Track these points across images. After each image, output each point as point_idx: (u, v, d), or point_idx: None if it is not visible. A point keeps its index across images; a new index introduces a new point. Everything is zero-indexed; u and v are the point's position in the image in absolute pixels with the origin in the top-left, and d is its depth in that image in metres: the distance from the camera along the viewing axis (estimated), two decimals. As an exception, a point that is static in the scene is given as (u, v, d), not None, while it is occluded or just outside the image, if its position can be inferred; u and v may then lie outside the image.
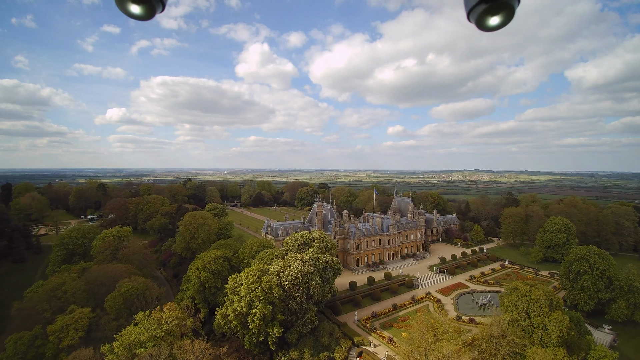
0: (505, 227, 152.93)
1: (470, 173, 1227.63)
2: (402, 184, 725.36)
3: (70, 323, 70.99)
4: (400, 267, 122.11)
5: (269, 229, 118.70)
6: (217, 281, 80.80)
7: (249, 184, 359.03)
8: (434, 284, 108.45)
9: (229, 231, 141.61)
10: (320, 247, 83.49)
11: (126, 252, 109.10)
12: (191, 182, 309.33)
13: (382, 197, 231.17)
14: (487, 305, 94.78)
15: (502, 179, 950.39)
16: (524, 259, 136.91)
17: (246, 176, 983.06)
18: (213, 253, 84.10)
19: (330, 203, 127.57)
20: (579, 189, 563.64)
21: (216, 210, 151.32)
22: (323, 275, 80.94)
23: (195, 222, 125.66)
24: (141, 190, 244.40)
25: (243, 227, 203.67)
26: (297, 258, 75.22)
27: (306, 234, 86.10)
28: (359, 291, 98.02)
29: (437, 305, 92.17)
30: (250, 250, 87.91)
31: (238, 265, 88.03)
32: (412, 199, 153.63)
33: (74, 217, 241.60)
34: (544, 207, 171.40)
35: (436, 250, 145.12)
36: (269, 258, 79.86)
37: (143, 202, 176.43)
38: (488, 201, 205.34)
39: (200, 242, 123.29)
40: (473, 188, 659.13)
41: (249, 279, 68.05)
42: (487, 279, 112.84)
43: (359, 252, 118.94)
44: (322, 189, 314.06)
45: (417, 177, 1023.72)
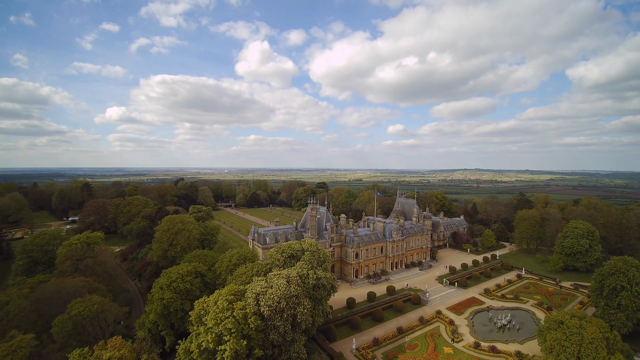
0: (519, 231, 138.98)
1: (471, 172, 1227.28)
2: (402, 184, 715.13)
3: (6, 353, 57.41)
4: (405, 279, 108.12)
5: (256, 236, 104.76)
6: (185, 303, 66.86)
7: (244, 183, 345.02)
8: (444, 299, 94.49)
9: (214, 237, 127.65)
10: (310, 260, 69.48)
11: (90, 263, 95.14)
12: (183, 182, 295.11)
13: (384, 198, 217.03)
14: (507, 327, 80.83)
15: (503, 178, 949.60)
16: (541, 268, 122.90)
17: (246, 175, 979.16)
18: (182, 268, 70.16)
19: (326, 206, 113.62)
20: (581, 189, 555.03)
21: (200, 213, 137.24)
22: (314, 296, 66.98)
23: (173, 226, 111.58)
24: (127, 191, 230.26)
25: (234, 229, 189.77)
26: (281, 276, 61.24)
27: (294, 245, 72.10)
28: (358, 310, 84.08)
29: (449, 327, 78.13)
30: (228, 264, 73.94)
31: (213, 283, 74.08)
32: (416, 200, 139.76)
33: (57, 219, 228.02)
34: (560, 208, 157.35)
35: (444, 258, 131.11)
36: (247, 275, 65.83)
37: (124, 204, 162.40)
38: (497, 202, 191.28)
39: (179, 249, 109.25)
40: (474, 187, 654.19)
41: (218, 305, 54.04)
42: (504, 293, 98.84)
43: (358, 261, 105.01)
44: (320, 188, 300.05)
45: (418, 177, 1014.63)
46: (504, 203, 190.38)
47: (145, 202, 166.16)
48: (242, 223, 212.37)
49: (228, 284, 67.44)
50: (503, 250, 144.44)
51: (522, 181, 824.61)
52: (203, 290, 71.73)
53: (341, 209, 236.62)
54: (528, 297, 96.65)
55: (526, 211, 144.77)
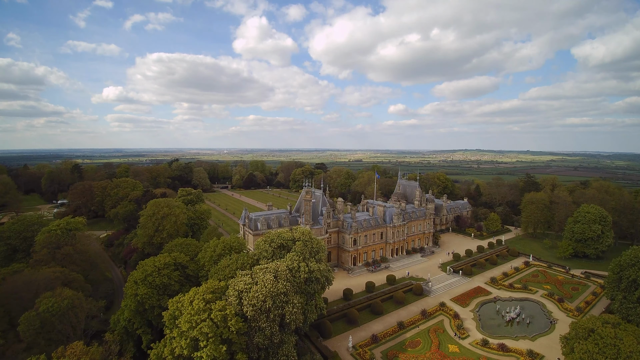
0: (526, 215, 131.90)
1: (471, 153, 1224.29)
2: (402, 164, 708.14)
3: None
4: (406, 266, 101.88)
5: (246, 221, 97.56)
6: (162, 299, 60.04)
7: (240, 164, 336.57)
8: (448, 289, 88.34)
9: (204, 221, 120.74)
10: (302, 251, 62.27)
11: (67, 251, 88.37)
12: (177, 163, 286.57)
13: (384, 180, 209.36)
14: (516, 320, 74.81)
15: (503, 158, 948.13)
16: (549, 254, 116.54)
17: (245, 156, 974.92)
18: (159, 259, 63.08)
19: (322, 188, 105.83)
20: (582, 170, 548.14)
21: (190, 197, 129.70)
22: (306, 291, 60.21)
23: (159, 211, 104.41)
24: (118, 172, 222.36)
25: (229, 212, 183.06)
26: (268, 271, 54.16)
27: (284, 234, 64.71)
28: (356, 302, 77.86)
29: (454, 322, 72.04)
30: (212, 255, 66.84)
31: (196, 275, 67.24)
32: (419, 182, 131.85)
33: (46, 202, 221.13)
34: (569, 191, 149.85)
35: (447, 243, 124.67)
36: (231, 269, 58.76)
37: (111, 186, 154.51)
38: (502, 184, 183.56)
39: (165, 235, 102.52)
40: (475, 168, 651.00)
41: (194, 306, 47.13)
42: (512, 282, 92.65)
43: (356, 248, 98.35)
44: (318, 169, 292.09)
45: (418, 157, 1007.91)
46: (509, 185, 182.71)
47: (134, 184, 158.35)
48: (237, 205, 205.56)
49: (210, 278, 60.64)
50: (508, 234, 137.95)
51: (523, 162, 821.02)
52: (184, 284, 64.98)
53: (340, 191, 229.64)
54: (537, 287, 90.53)
55: (534, 194, 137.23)
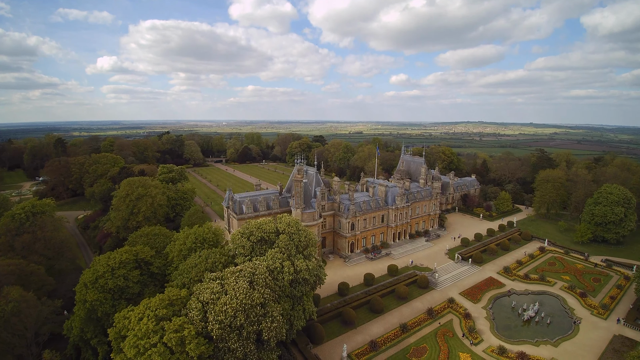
0: (541, 194, 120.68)
1: (474, 125, 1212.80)
2: (404, 136, 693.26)
3: None
4: (409, 253, 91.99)
5: (230, 203, 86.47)
6: (118, 304, 50.00)
7: (235, 137, 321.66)
8: (457, 280, 78.75)
9: (187, 202, 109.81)
10: (287, 246, 51.39)
11: (27, 239, 77.87)
12: (168, 136, 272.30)
13: (385, 154, 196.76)
14: (535, 319, 65.52)
15: (506, 131, 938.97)
16: (565, 238, 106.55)
17: (244, 128, 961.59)
18: (116, 256, 52.27)
19: (316, 166, 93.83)
20: (585, 143, 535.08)
21: (171, 174, 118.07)
22: (292, 294, 49.99)
23: (134, 191, 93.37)
24: (102, 147, 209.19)
25: (220, 189, 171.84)
26: (242, 275, 43.48)
27: (266, 225, 53.50)
28: (352, 298, 68.24)
29: (465, 322, 62.68)
30: (181, 248, 56.07)
31: (163, 273, 56.80)
32: (425, 158, 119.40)
33: (30, 179, 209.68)
34: (588, 168, 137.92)
35: (453, 225, 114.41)
36: (199, 270, 48.05)
37: (89, 162, 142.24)
38: (512, 158, 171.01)
39: (141, 218, 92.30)
40: (477, 141, 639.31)
41: (141, 327, 36.74)
42: (527, 272, 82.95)
43: (354, 233, 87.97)
44: (316, 142, 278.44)
45: (420, 129, 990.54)
46: (520, 160, 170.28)
47: (114, 160, 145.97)
48: (230, 181, 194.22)
49: (174, 280, 50.12)
50: (519, 215, 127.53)
51: (526, 134, 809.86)
52: (147, 284, 54.74)
53: (338, 166, 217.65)
54: (555, 277, 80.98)
55: (550, 171, 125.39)
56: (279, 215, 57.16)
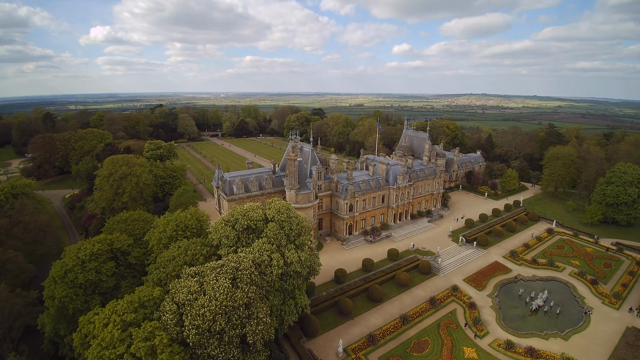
0: (550, 172, 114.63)
1: (477, 97, 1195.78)
2: (405, 109, 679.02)
3: None
4: (411, 235, 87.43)
5: (220, 183, 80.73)
6: (92, 300, 45.56)
7: (231, 109, 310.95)
8: (460, 264, 74.52)
9: (177, 180, 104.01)
10: (277, 236, 46.07)
11: (4, 224, 72.98)
12: (161, 109, 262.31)
13: (386, 128, 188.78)
14: (543, 309, 61.67)
15: (509, 104, 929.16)
16: (573, 219, 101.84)
17: (243, 100, 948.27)
18: (87, 247, 47.09)
19: (312, 142, 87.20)
20: (590, 117, 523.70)
21: (159, 151, 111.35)
22: (283, 288, 45.32)
23: (117, 170, 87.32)
24: (91, 121, 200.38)
25: (214, 166, 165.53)
26: (223, 271, 38.43)
27: (253, 213, 47.86)
28: (350, 285, 64.03)
29: (469, 313, 58.79)
30: (160, 237, 50.83)
31: (142, 263, 51.92)
32: (428, 133, 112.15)
33: (19, 156, 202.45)
34: (599, 145, 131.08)
35: (457, 204, 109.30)
36: (177, 264, 42.98)
37: (75, 138, 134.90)
38: (519, 133, 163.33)
39: (127, 199, 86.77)
40: (479, 114, 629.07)
41: (106, 334, 32.03)
42: (535, 256, 78.72)
43: (353, 215, 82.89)
44: (315, 115, 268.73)
45: (422, 102, 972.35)
46: (528, 134, 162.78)
47: (101, 135, 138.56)
48: (224, 157, 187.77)
49: (150, 274, 45.23)
50: (525, 193, 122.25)
51: (530, 107, 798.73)
52: (125, 276, 50.05)
53: (337, 141, 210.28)
54: (564, 262, 76.73)
55: (560, 148, 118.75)
56: (268, 200, 51.46)
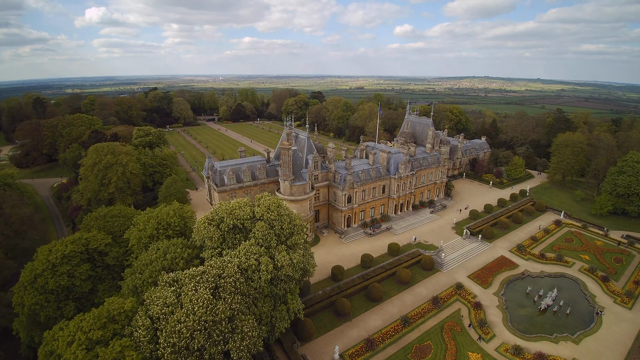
0: (558, 160, 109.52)
1: (479, 80, 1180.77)
2: (406, 92, 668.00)
3: None
4: (412, 227, 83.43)
5: (210, 173, 76.08)
6: (65, 306, 41.78)
7: (228, 93, 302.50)
8: (465, 259, 70.75)
9: (167, 169, 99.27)
10: (266, 237, 41.80)
11: (-21, 215, 68.69)
12: (155, 92, 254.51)
13: (387, 112, 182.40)
14: (553, 308, 58.18)
15: (512, 87, 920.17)
16: (581, 209, 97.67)
17: (242, 83, 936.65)
18: (60, 248, 42.94)
19: (309, 128, 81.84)
20: (593, 101, 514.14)
21: (149, 137, 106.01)
22: (273, 293, 41.42)
23: (102, 159, 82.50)
24: (83, 106, 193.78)
25: (209, 152, 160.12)
26: (202, 280, 34.30)
27: (239, 211, 43.41)
28: (347, 283, 60.31)
29: (474, 313, 55.30)
30: (141, 235, 46.59)
31: (121, 264, 47.92)
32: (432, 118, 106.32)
33: (9, 143, 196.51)
34: (610, 131, 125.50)
35: (461, 194, 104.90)
36: (154, 269, 38.82)
37: (62, 125, 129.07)
38: (525, 118, 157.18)
39: (113, 190, 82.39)
40: (482, 97, 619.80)
41: (69, 357, 28.12)
42: (543, 250, 74.96)
43: (351, 207, 78.58)
44: (314, 99, 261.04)
45: (423, 85, 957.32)
46: (535, 119, 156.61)
47: (89, 121, 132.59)
48: (221, 142, 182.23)
49: (126, 279, 41.16)
50: (531, 181, 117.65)
51: (533, 91, 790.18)
52: (102, 279, 46.13)
53: (337, 126, 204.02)
54: (573, 256, 72.97)
55: (569, 135, 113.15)
56: (257, 196, 46.84)
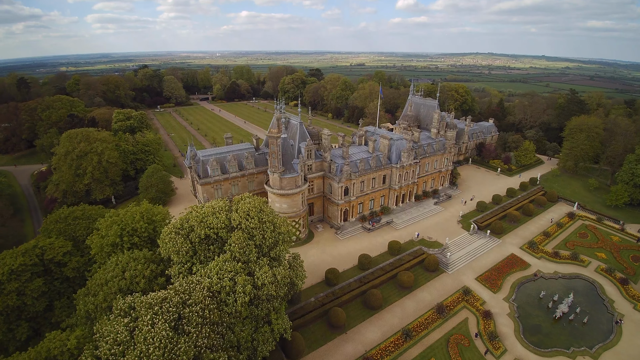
0: (571, 145, 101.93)
1: (483, 57, 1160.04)
2: (408, 69, 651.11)
3: None
4: (415, 220, 77.15)
5: (192, 162, 68.94)
6: (18, 328, 35.95)
7: (222, 70, 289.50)
8: (472, 258, 64.88)
9: (150, 155, 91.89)
10: (244, 250, 35.23)
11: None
12: (144, 71, 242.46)
13: (388, 92, 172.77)
14: (568, 316, 52.69)
15: (516, 64, 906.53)
16: (595, 199, 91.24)
17: (239, 59, 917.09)
18: (7, 262, 36.65)
19: (300, 112, 73.61)
20: (599, 80, 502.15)
21: (129, 122, 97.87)
22: (253, 314, 35.38)
23: (75, 148, 75.10)
24: (67, 86, 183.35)
25: (200, 135, 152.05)
26: (162, 311, 28.00)
27: (213, 219, 36.55)
28: (343, 289, 54.57)
29: (483, 323, 49.82)
30: (101, 243, 40.12)
31: (82, 276, 41.73)
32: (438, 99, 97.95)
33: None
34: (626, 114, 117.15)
35: (467, 182, 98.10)
36: (110, 290, 32.46)
37: (42, 107, 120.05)
38: (535, 99, 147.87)
39: (89, 181, 75.54)
40: (485, 74, 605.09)
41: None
42: (556, 247, 69.04)
43: (349, 199, 71.97)
44: (312, 77, 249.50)
45: (425, 61, 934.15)
46: (544, 100, 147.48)
47: (70, 103, 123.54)
48: (213, 124, 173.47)
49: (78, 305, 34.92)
50: (542, 168, 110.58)
51: (537, 68, 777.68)
52: (61, 293, 40.12)
53: (335, 106, 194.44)
54: (589, 254, 67.18)
55: (585, 119, 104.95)
56: (236, 197, 39.98)
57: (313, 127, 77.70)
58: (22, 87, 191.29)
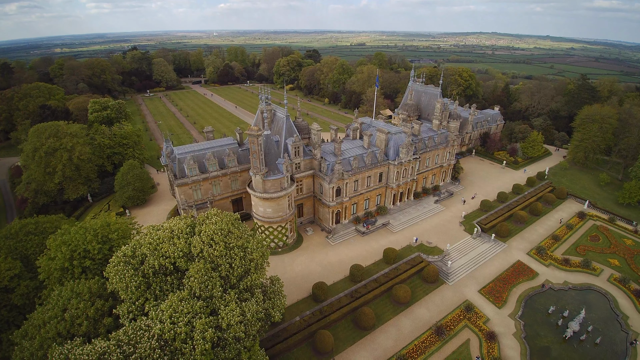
0: (581, 137, 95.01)
1: (486, 36, 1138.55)
2: (410, 49, 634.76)
3: None
4: (413, 222, 71.45)
5: (168, 161, 62.61)
6: None
7: (215, 51, 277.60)
8: (475, 266, 59.57)
9: (128, 149, 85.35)
10: (206, 283, 29.56)
11: None
12: (133, 53, 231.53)
13: (388, 75, 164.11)
14: (580, 336, 47.75)
15: (521, 44, 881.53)
16: (607, 196, 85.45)
17: (237, 39, 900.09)
18: None
19: (287, 104, 66.96)
20: (604, 61, 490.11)
21: (106, 112, 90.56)
22: (221, 358, 30.03)
23: (43, 144, 68.64)
24: (51, 71, 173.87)
25: (189, 122, 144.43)
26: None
27: (168, 246, 30.50)
28: (332, 305, 49.40)
29: (486, 345, 44.89)
30: (51, 267, 34.52)
31: (31, 302, 36.32)
32: (441, 86, 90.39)
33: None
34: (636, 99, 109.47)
35: (470, 176, 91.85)
36: (48, 333, 26.98)
37: (19, 96, 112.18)
38: (544, 85, 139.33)
39: (60, 180, 69.46)
40: (489, 55, 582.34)
41: None
42: (566, 253, 63.70)
43: (341, 201, 66.02)
44: (308, 59, 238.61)
45: (428, 41, 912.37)
46: (553, 85, 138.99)
47: (49, 91, 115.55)
48: (204, 110, 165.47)
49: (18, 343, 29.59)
50: (549, 160, 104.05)
51: (541, 49, 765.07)
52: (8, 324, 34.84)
53: (332, 91, 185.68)
54: (601, 261, 61.97)
55: (598, 108, 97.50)
56: (201, 215, 33.99)
57: (303, 120, 70.89)
58: (5, 72, 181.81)
